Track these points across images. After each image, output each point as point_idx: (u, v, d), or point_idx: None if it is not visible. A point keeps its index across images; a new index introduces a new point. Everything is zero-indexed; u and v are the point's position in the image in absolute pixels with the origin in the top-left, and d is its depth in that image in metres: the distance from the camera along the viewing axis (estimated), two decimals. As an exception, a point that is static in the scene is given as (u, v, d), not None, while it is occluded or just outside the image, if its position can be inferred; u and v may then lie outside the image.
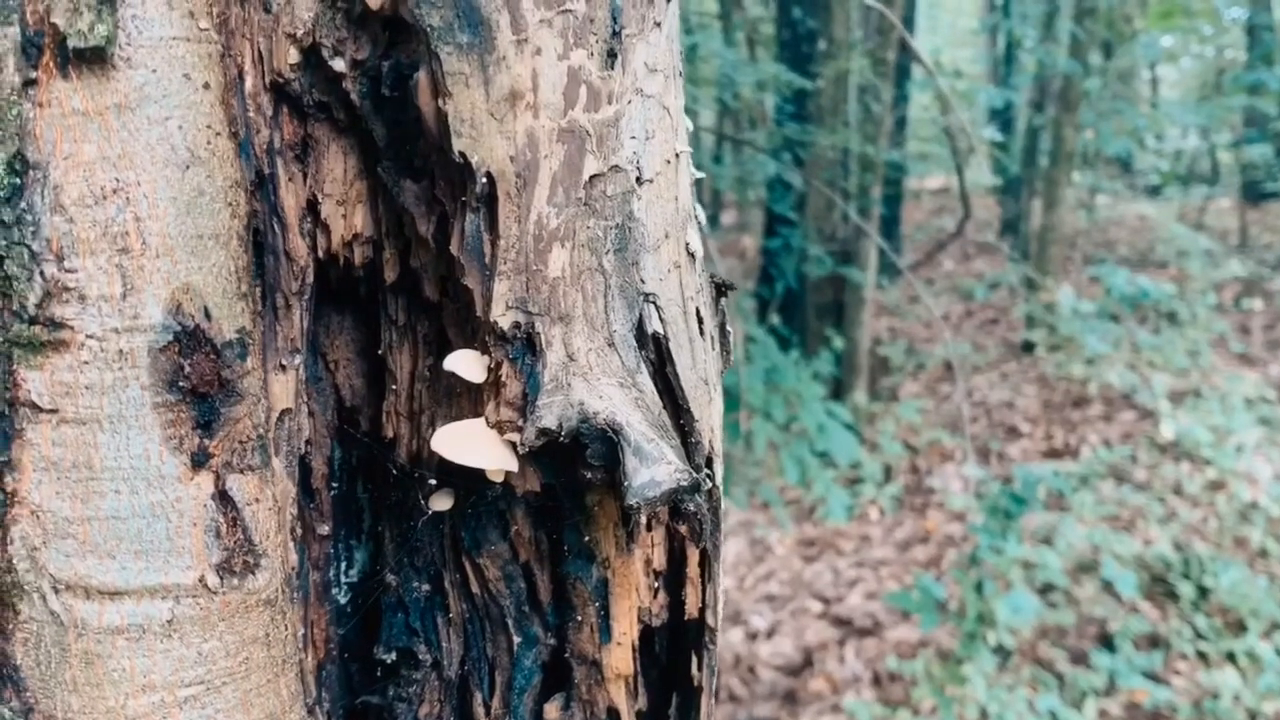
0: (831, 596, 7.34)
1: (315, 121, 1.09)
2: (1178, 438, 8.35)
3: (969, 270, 12.57)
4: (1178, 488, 7.88)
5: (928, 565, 7.48)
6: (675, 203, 1.13)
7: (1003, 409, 9.55)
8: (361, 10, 1.02)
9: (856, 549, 7.85)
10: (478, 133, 0.99)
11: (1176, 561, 6.88)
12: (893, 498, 8.23)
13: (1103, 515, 7.46)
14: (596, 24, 1.02)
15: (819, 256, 8.25)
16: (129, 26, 0.91)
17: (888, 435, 8.97)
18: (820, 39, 9.02)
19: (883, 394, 9.83)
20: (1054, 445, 8.80)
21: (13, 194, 0.90)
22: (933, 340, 10.80)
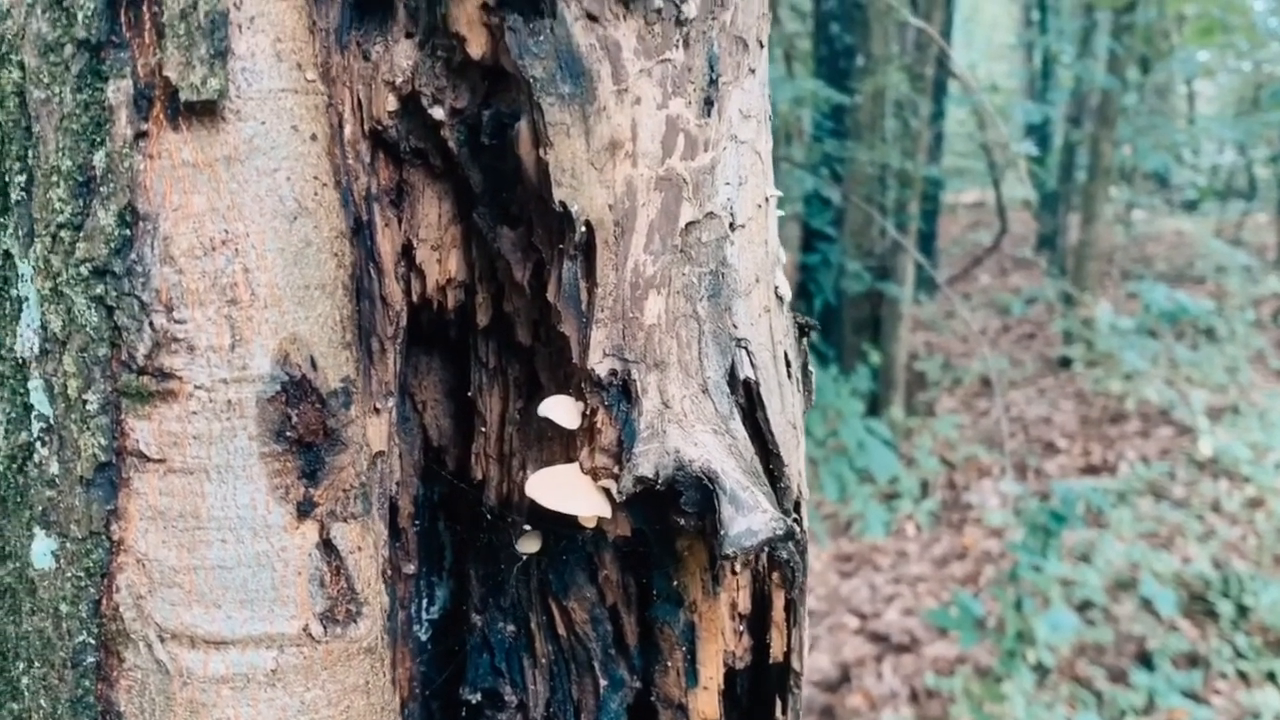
0: (869, 612, 7.30)
1: (411, 167, 1.09)
2: (1216, 454, 8.27)
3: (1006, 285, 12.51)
4: (1216, 505, 7.81)
5: (965, 582, 7.44)
6: (765, 246, 1.13)
7: (1040, 424, 9.49)
8: (462, 59, 1.03)
9: (893, 565, 7.81)
10: (578, 182, 0.99)
11: (1216, 579, 6.81)
12: (930, 513, 8.18)
13: (1141, 532, 7.39)
14: (694, 72, 1.02)
15: (857, 272, 8.23)
16: (239, 79, 0.91)
17: (925, 450, 8.92)
18: (858, 54, 9.01)
19: (919, 409, 9.79)
20: (1092, 461, 8.73)
21: (123, 245, 0.91)
22: (969, 355, 10.74)
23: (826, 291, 8.50)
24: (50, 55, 0.92)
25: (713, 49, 1.03)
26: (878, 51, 8.90)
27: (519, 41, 0.97)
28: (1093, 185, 9.96)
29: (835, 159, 8.09)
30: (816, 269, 8.54)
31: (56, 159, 0.92)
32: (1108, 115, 9.78)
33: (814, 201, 8.22)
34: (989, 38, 17.80)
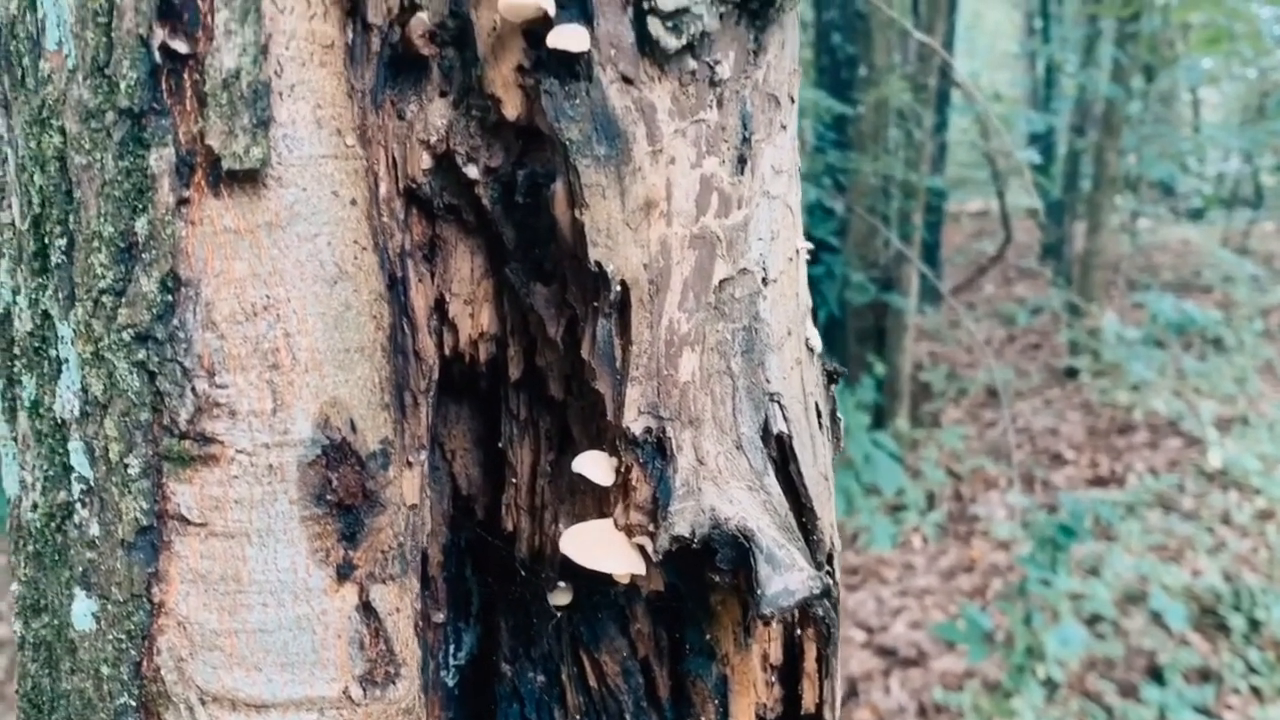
0: (876, 625, 7.29)
1: (444, 222, 1.10)
2: (1225, 466, 8.26)
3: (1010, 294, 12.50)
4: (1226, 517, 7.80)
5: (973, 594, 7.43)
6: (796, 299, 1.14)
7: (1047, 436, 9.48)
8: (496, 119, 1.03)
9: (900, 577, 7.80)
10: (613, 242, 0.99)
11: (1226, 593, 6.80)
12: (936, 525, 8.17)
13: (1150, 545, 7.39)
14: (728, 131, 1.03)
15: (861, 284, 8.23)
16: (280, 146, 0.92)
17: (930, 462, 8.91)
18: (861, 65, 9.02)
19: (925, 420, 9.78)
20: (1099, 473, 8.72)
21: (165, 311, 0.91)
22: (974, 365, 10.74)
23: (830, 303, 8.51)
24: (91, 122, 0.93)
25: (746, 107, 1.04)
26: (880, 62, 8.91)
27: (555, 105, 0.98)
28: (1098, 194, 9.95)
29: (838, 170, 8.09)
30: (820, 280, 8.54)
31: (98, 224, 0.93)
32: (1112, 124, 9.78)
33: (817, 212, 8.22)
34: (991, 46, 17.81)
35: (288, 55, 0.92)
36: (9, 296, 1.05)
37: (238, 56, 0.89)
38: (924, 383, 10.31)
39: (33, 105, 0.97)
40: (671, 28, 0.97)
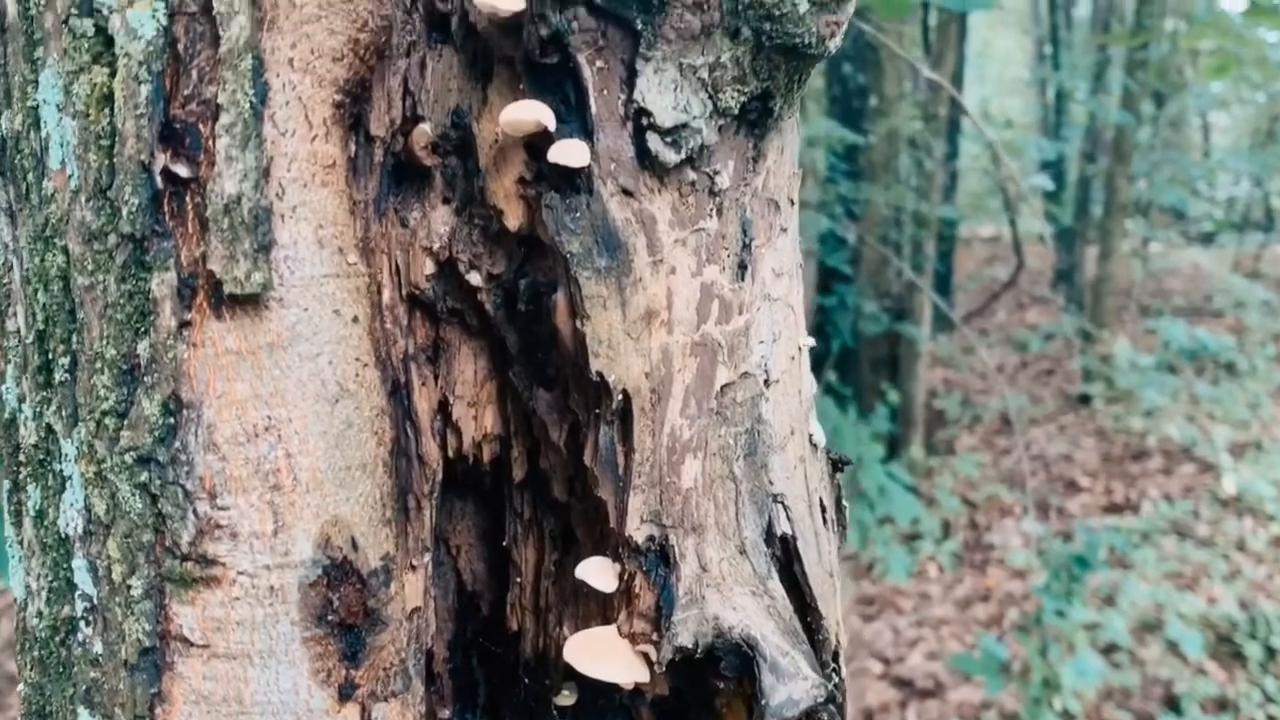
0: (892, 656, 7.26)
1: (447, 325, 1.10)
2: (1240, 492, 8.22)
3: (1023, 320, 12.48)
4: (1241, 544, 7.75)
5: (989, 624, 7.39)
6: (799, 396, 1.14)
7: (1061, 462, 9.44)
8: (499, 228, 1.04)
9: (916, 607, 7.76)
10: (614, 352, 0.99)
11: (1243, 621, 6.76)
12: (952, 554, 8.14)
13: (1166, 572, 7.34)
14: (728, 239, 1.03)
15: (875, 314, 8.23)
16: (281, 268, 0.92)
17: (945, 490, 8.88)
18: (871, 94, 9.04)
19: (939, 447, 9.75)
20: (1114, 500, 8.68)
21: (167, 434, 0.92)
22: (988, 392, 10.71)
23: (844, 333, 8.50)
24: (94, 244, 0.93)
25: (745, 214, 1.04)
26: (891, 92, 8.92)
27: (556, 218, 0.98)
28: (1109, 221, 9.95)
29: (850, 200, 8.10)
30: (834, 310, 8.54)
31: (101, 346, 0.93)
32: (1122, 151, 9.78)
33: (830, 240, 8.22)
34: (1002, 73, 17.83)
35: (289, 177, 0.93)
36: (14, 403, 1.06)
37: (239, 182, 0.90)
38: (938, 410, 10.28)
39: (37, 221, 0.98)
40: (671, 143, 0.97)
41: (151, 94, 0.90)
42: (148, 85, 0.90)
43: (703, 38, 0.96)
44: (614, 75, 0.98)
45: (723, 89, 0.98)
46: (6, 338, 1.07)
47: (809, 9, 0.95)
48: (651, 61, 0.96)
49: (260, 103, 0.91)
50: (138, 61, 0.90)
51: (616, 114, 0.98)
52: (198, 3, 0.90)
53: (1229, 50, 8.50)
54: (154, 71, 0.90)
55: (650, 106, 0.96)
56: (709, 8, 0.95)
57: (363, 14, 0.95)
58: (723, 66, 0.97)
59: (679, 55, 0.96)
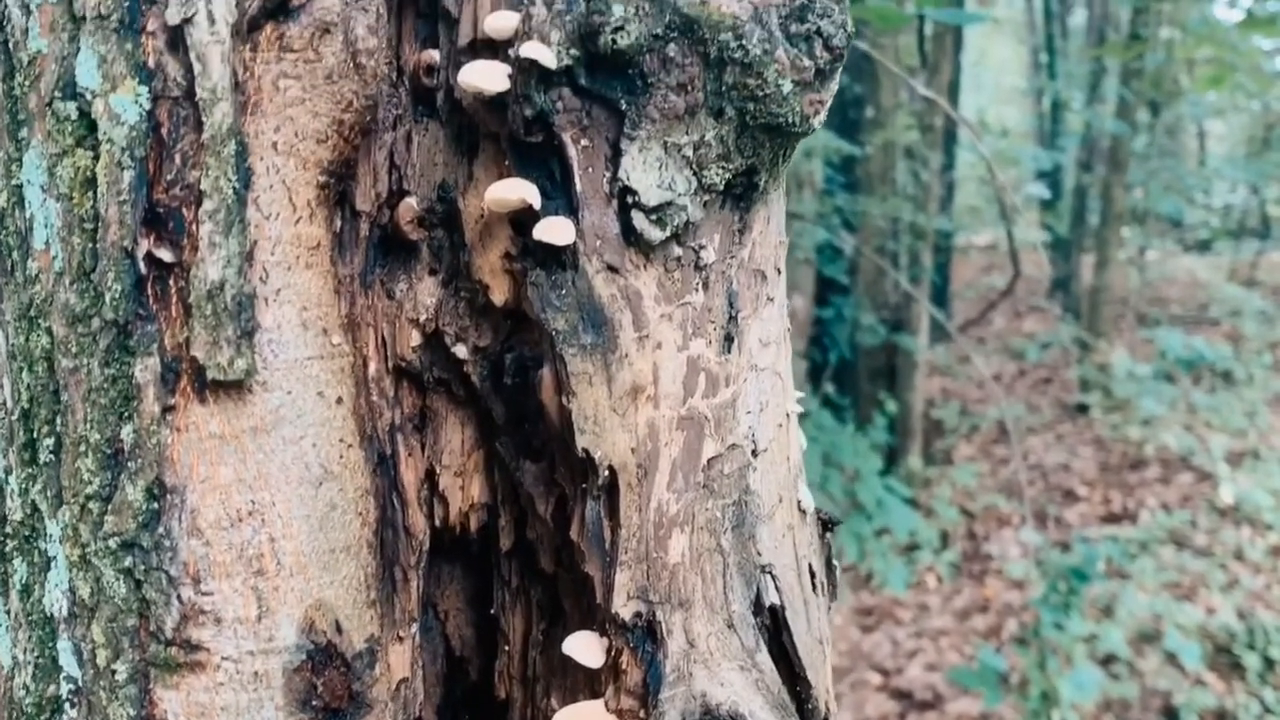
0: (891, 668, 7.25)
1: (434, 394, 1.10)
2: (1237, 501, 8.22)
3: (1020, 329, 12.47)
4: (1239, 553, 7.75)
5: (988, 635, 7.39)
6: (787, 463, 1.14)
7: (1059, 472, 9.44)
8: (485, 302, 1.04)
9: (915, 618, 7.76)
10: (600, 428, 0.99)
11: (1241, 631, 6.75)
12: (950, 564, 8.13)
13: (1164, 582, 7.34)
14: (714, 312, 1.03)
15: (872, 326, 8.23)
16: (265, 351, 0.92)
17: (943, 500, 8.88)
18: (867, 105, 9.04)
19: (937, 457, 9.75)
20: (1112, 509, 8.68)
21: (151, 520, 0.91)
22: (985, 401, 10.70)
23: (841, 345, 8.50)
24: (78, 326, 0.93)
25: (732, 287, 1.04)
26: (887, 102, 8.92)
27: (541, 296, 0.98)
28: (1106, 230, 9.95)
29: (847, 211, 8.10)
30: (831, 323, 8.54)
31: (85, 429, 0.93)
32: (1119, 160, 9.78)
33: (827, 251, 8.22)
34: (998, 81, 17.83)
35: (273, 261, 0.92)
36: (0, 474, 1.06)
37: (222, 268, 0.89)
38: (936, 420, 10.28)
39: (22, 300, 0.97)
40: (656, 220, 0.97)
41: (134, 180, 0.90)
42: (130, 171, 0.90)
43: (687, 117, 0.96)
44: (599, 153, 0.97)
45: (707, 166, 0.98)
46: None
47: (792, 89, 0.95)
48: (636, 140, 0.96)
49: (244, 188, 0.91)
50: (120, 147, 0.90)
51: (601, 191, 0.98)
52: (180, 87, 0.90)
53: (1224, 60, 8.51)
54: (137, 157, 0.90)
55: (635, 185, 0.96)
56: (693, 89, 0.95)
57: (347, 95, 0.95)
58: (707, 145, 0.97)
59: (664, 134, 0.96)
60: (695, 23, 0.93)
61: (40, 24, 0.94)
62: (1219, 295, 11.07)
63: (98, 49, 0.91)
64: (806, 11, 0.95)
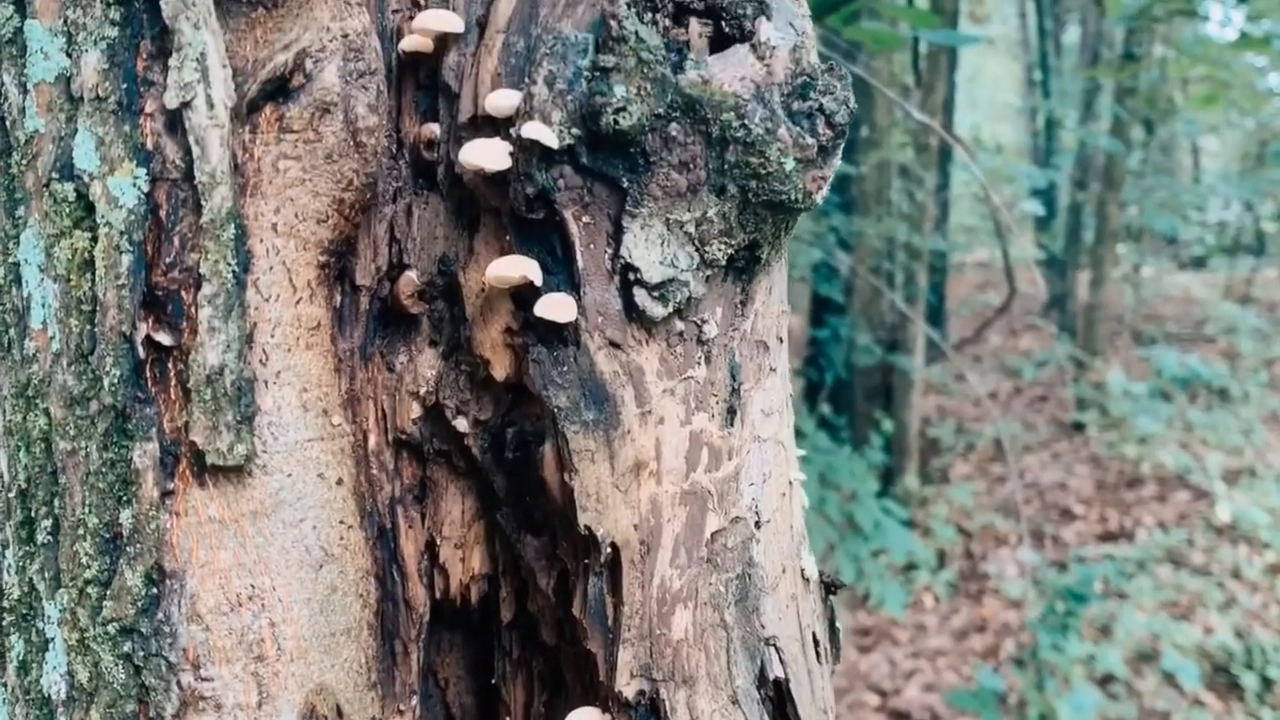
0: (889, 689, 7.23)
1: (434, 464, 1.09)
2: (1234, 520, 8.21)
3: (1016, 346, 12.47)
4: (1236, 572, 7.74)
5: (985, 655, 7.37)
6: (790, 531, 1.13)
7: (1055, 490, 9.43)
8: (485, 376, 1.03)
9: (912, 638, 7.74)
10: (603, 505, 0.98)
11: (1239, 651, 6.74)
12: (947, 584, 8.11)
13: (1161, 601, 7.33)
14: (717, 385, 1.02)
15: (868, 346, 8.23)
16: (265, 434, 0.92)
17: (940, 519, 8.87)
18: (862, 125, 9.05)
19: (934, 476, 9.74)
20: (1109, 528, 8.67)
21: (150, 605, 0.90)
22: (982, 419, 10.69)
23: (837, 365, 8.50)
24: (76, 409, 0.92)
25: (734, 359, 1.03)
26: (882, 122, 8.94)
27: (543, 373, 0.97)
28: (1100, 248, 9.96)
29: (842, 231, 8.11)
30: (827, 343, 8.54)
31: (83, 513, 0.92)
32: (1113, 178, 9.80)
33: (823, 269, 8.22)
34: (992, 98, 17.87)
35: (273, 343, 0.92)
36: (-3, 547, 1.05)
37: (221, 353, 0.89)
38: (932, 438, 10.26)
39: (19, 378, 0.97)
40: (658, 297, 0.97)
41: (133, 264, 0.89)
42: (129, 255, 0.89)
43: (689, 194, 0.95)
44: (600, 230, 0.97)
45: (710, 242, 0.97)
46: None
47: (795, 167, 0.94)
48: (638, 218, 0.95)
49: (243, 271, 0.90)
50: (119, 231, 0.89)
51: (603, 268, 0.97)
52: (179, 169, 0.90)
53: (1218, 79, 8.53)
54: (135, 241, 0.89)
55: (637, 262, 0.96)
56: (695, 167, 0.94)
57: (347, 174, 0.95)
58: (710, 221, 0.96)
59: (666, 211, 0.95)
60: (697, 103, 0.92)
61: (37, 103, 0.93)
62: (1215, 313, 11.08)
63: (95, 131, 0.90)
64: (809, 89, 0.95)
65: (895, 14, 4.37)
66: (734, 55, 0.95)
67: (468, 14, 1.01)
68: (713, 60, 0.94)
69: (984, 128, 13.59)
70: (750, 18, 0.97)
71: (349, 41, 0.94)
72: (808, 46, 0.97)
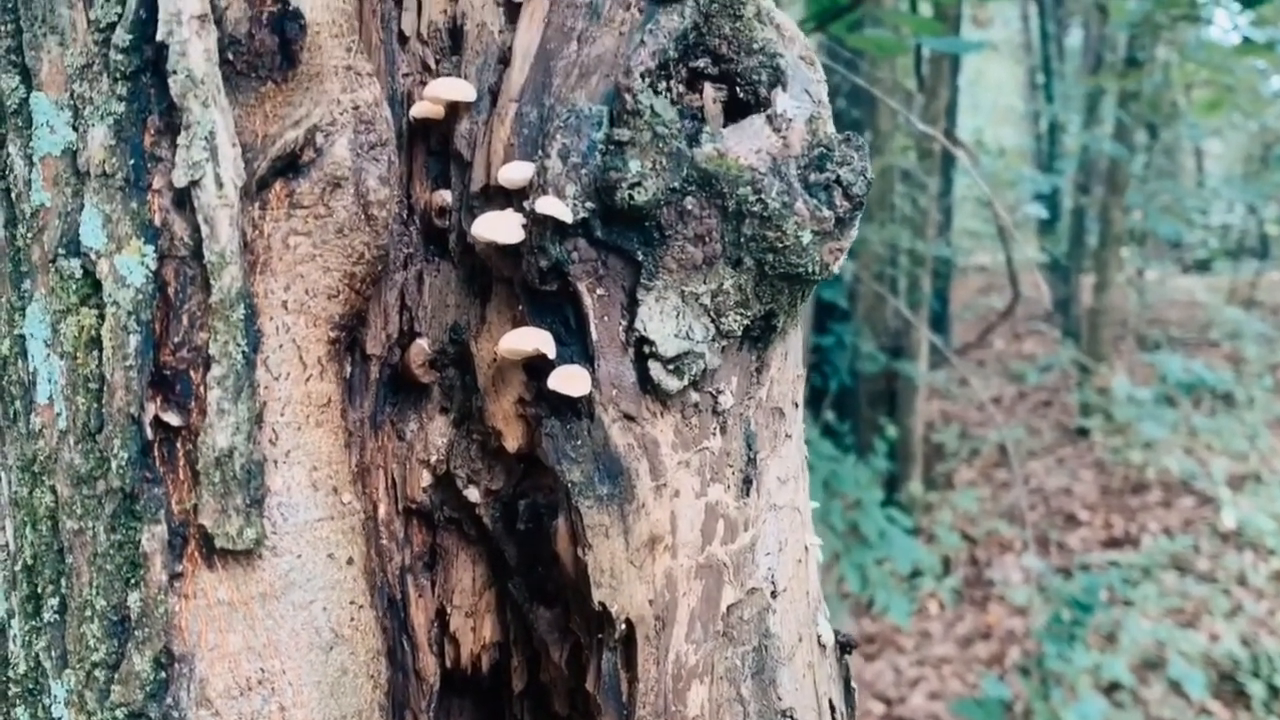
0: (894, 697, 7.21)
1: (444, 532, 1.08)
2: (1240, 526, 8.19)
3: (1019, 351, 12.44)
4: (1242, 578, 7.72)
5: (990, 663, 7.35)
6: (806, 598, 1.11)
7: (1060, 496, 9.41)
8: (498, 446, 1.02)
9: (917, 646, 7.72)
10: (617, 581, 0.97)
11: (1245, 659, 6.72)
12: (952, 590, 8.09)
13: (1167, 608, 7.31)
14: (732, 455, 1.01)
15: (872, 354, 8.21)
16: (274, 515, 0.90)
17: (944, 526, 8.85)
18: (866, 130, 9.03)
19: (938, 482, 9.71)
20: (1114, 534, 8.65)
21: (159, 690, 0.89)
22: (986, 424, 10.67)
23: (842, 372, 8.48)
24: (83, 488, 0.91)
25: (750, 428, 1.02)
26: (884, 126, 8.92)
27: (557, 447, 0.96)
28: (1104, 252, 9.93)
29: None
30: (831, 350, 8.52)
31: (90, 594, 0.91)
32: (1116, 182, 9.77)
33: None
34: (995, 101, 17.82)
35: (283, 422, 0.90)
36: (3, 615, 1.03)
37: (230, 435, 0.87)
38: (936, 444, 10.24)
39: (25, 452, 0.95)
40: (673, 370, 0.95)
41: (141, 344, 0.88)
42: (137, 335, 0.88)
43: (705, 267, 0.94)
44: (615, 302, 0.95)
45: (726, 313, 0.96)
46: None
47: (812, 239, 0.93)
48: (653, 290, 0.94)
49: (252, 350, 0.89)
50: (126, 311, 0.88)
51: (618, 340, 0.96)
52: (187, 247, 0.88)
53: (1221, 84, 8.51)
54: (143, 321, 0.88)
55: (652, 335, 0.94)
56: (711, 240, 0.93)
57: (358, 247, 0.93)
58: (725, 293, 0.95)
59: (681, 283, 0.94)
60: (713, 177, 0.91)
61: (43, 176, 0.92)
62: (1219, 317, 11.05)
63: (102, 207, 0.89)
64: (826, 160, 0.93)
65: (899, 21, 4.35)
66: (750, 127, 0.93)
67: (479, 82, 0.99)
68: (728, 132, 0.93)
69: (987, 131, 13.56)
70: (765, 84, 0.96)
71: (360, 113, 0.93)
72: (824, 116, 0.95)
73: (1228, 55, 8.34)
